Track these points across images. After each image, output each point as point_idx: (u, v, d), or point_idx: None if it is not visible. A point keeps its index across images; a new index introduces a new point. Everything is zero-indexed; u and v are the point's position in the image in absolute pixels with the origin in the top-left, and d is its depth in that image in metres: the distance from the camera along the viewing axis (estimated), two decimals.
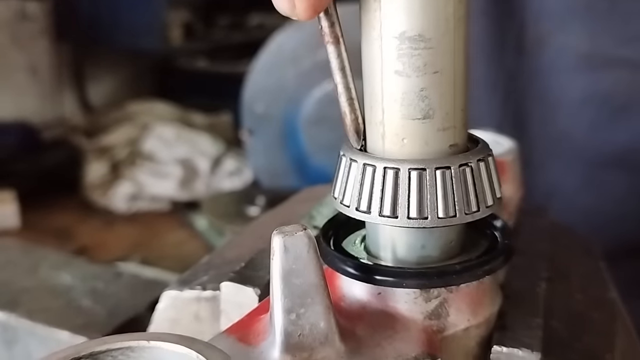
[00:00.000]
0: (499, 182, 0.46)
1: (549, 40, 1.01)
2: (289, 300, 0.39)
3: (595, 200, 1.04)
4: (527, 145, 1.06)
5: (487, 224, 0.49)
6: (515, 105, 1.07)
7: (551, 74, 1.02)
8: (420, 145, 0.43)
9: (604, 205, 1.02)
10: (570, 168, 1.04)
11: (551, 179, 1.07)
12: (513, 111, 1.08)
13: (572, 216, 1.04)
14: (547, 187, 1.07)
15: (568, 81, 1.01)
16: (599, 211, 1.04)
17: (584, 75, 1.00)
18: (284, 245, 0.39)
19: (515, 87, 1.07)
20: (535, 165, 1.07)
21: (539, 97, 1.04)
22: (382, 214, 0.42)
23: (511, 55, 1.06)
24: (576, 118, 1.02)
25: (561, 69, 1.01)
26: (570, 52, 1.00)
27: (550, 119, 1.04)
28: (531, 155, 1.07)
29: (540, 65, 1.03)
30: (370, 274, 0.44)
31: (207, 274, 0.57)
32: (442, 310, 0.45)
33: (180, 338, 0.36)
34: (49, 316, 0.75)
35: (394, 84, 0.42)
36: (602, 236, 1.02)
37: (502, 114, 1.09)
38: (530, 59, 1.04)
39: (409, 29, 0.41)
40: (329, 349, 0.40)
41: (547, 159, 1.07)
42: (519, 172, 0.70)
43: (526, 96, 1.07)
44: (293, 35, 2.05)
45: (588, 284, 0.64)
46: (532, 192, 1.09)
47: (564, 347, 0.50)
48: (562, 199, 1.06)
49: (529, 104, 1.06)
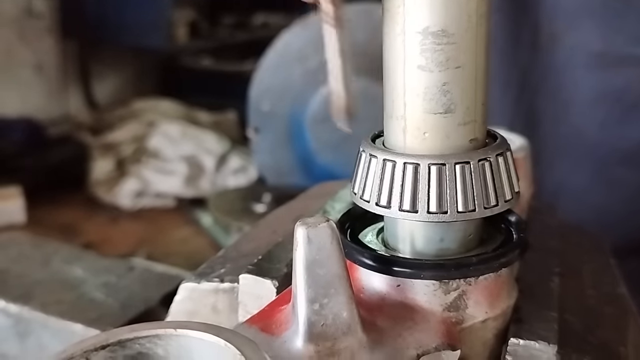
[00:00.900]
0: (517, 177, 0.46)
1: (562, 37, 1.02)
2: (312, 291, 0.40)
3: (605, 198, 1.04)
4: (538, 143, 1.07)
5: (502, 218, 0.50)
6: (527, 102, 1.08)
7: (564, 71, 1.02)
8: (441, 139, 0.43)
9: (614, 203, 1.03)
10: (581, 165, 1.05)
11: (561, 176, 1.08)
12: (525, 108, 1.09)
13: (582, 213, 1.04)
14: (557, 185, 1.08)
15: (581, 79, 1.01)
16: (609, 209, 1.04)
17: (596, 74, 1.00)
18: (307, 237, 0.40)
19: (529, 84, 1.08)
20: (546, 163, 1.07)
21: (552, 95, 1.05)
22: (402, 209, 0.43)
23: (525, 52, 1.06)
24: (588, 116, 1.02)
25: (574, 67, 1.01)
26: (584, 50, 1.00)
27: (562, 116, 1.05)
28: (542, 153, 1.07)
29: (553, 63, 1.04)
30: (389, 266, 0.45)
31: (224, 266, 0.58)
32: (460, 302, 0.45)
33: (208, 326, 0.37)
34: (62, 309, 0.75)
35: (416, 78, 0.43)
36: (611, 233, 1.02)
37: (514, 111, 1.09)
38: (543, 56, 1.05)
39: (432, 24, 0.42)
40: (351, 338, 0.40)
41: (557, 156, 1.07)
42: (530, 169, 0.71)
43: (539, 93, 1.07)
44: (300, 34, 2.06)
45: (599, 279, 0.65)
46: (541, 189, 1.10)
47: (579, 340, 0.50)
48: (571, 196, 1.07)
49: (541, 102, 1.07)
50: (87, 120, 3.17)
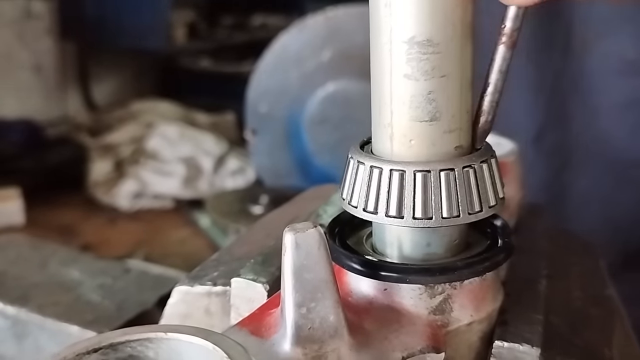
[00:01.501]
0: (502, 183, 0.47)
1: (595, 44, 1.03)
2: (300, 295, 0.41)
3: (633, 202, 1.06)
4: (569, 146, 1.08)
5: (488, 222, 0.51)
6: (558, 106, 1.09)
7: (596, 77, 1.04)
8: (427, 147, 0.44)
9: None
10: (609, 170, 1.06)
11: (591, 179, 1.09)
12: (556, 113, 1.10)
13: (610, 217, 1.06)
14: (585, 187, 1.09)
15: (612, 85, 1.03)
16: (636, 211, 1.06)
17: (628, 80, 1.02)
18: (295, 242, 0.41)
19: (560, 88, 1.09)
20: (576, 165, 1.09)
21: (582, 100, 1.06)
22: (389, 215, 0.44)
23: (558, 56, 1.07)
24: (618, 121, 1.04)
25: (606, 73, 1.03)
26: (616, 57, 1.02)
27: (592, 121, 1.06)
28: (572, 157, 1.09)
29: (585, 68, 1.05)
30: (376, 270, 0.46)
31: (217, 270, 0.59)
32: (446, 305, 0.46)
33: (197, 330, 0.38)
34: (58, 311, 0.76)
35: (402, 87, 0.44)
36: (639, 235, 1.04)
37: (545, 115, 1.10)
38: (575, 61, 1.06)
39: (418, 34, 0.42)
40: (338, 341, 0.41)
41: (586, 160, 1.09)
42: (519, 173, 0.72)
43: (570, 98, 1.08)
44: (297, 36, 2.07)
45: (587, 281, 0.66)
46: (571, 190, 1.11)
47: (564, 342, 0.51)
48: (600, 200, 1.08)
49: (571, 106, 1.08)
50: (86, 122, 3.18)
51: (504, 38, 0.44)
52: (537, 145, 1.10)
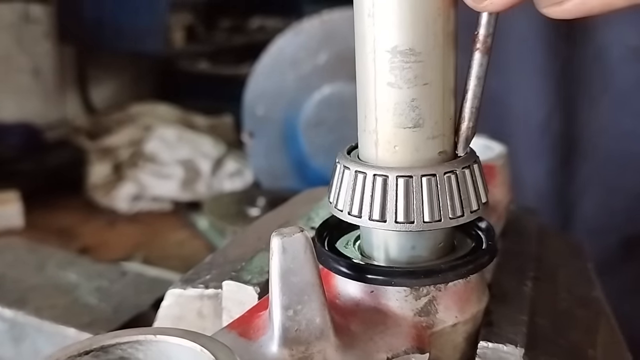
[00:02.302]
0: (485, 188, 0.48)
1: (596, 32, 1.04)
2: (286, 298, 0.42)
3: (634, 186, 1.07)
4: (574, 134, 1.09)
5: (473, 225, 0.52)
6: (565, 93, 1.10)
7: (598, 65, 1.05)
8: (411, 152, 0.45)
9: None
10: (610, 155, 1.07)
11: (594, 165, 1.10)
12: (563, 99, 1.11)
13: (611, 200, 1.07)
14: (588, 172, 1.10)
15: (614, 72, 1.03)
16: (638, 197, 1.07)
17: (630, 67, 1.03)
18: (282, 246, 0.42)
19: (567, 75, 1.10)
20: (579, 152, 1.10)
21: (586, 86, 1.07)
22: (372, 218, 0.45)
23: (564, 44, 1.08)
24: (619, 108, 1.05)
25: (608, 61, 1.03)
26: (619, 44, 1.03)
27: (594, 107, 1.07)
28: (577, 143, 1.10)
29: (587, 57, 1.06)
30: (363, 273, 0.47)
31: (209, 272, 0.60)
32: (431, 307, 0.47)
33: (185, 332, 0.39)
34: (56, 313, 0.77)
35: (386, 94, 0.45)
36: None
37: (554, 102, 1.11)
38: (578, 49, 1.07)
39: (401, 43, 0.44)
40: (324, 343, 0.42)
41: (590, 146, 1.10)
42: (508, 176, 0.73)
43: (576, 85, 1.09)
44: (293, 39, 2.08)
45: (574, 283, 0.67)
46: (576, 176, 1.12)
47: (548, 342, 0.52)
48: (601, 184, 1.09)
49: (577, 93, 1.09)
50: (85, 125, 3.19)
51: (478, 44, 0.45)
52: (545, 132, 1.11)
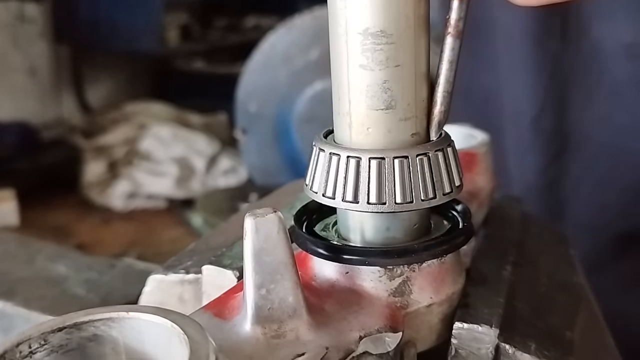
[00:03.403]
0: (460, 171, 0.48)
1: (590, 29, 1.04)
2: (259, 277, 0.42)
3: (629, 179, 1.07)
4: (566, 130, 1.10)
5: (451, 208, 0.52)
6: (557, 89, 1.10)
7: (592, 61, 1.05)
8: (383, 134, 0.46)
9: (635, 185, 1.06)
10: (603, 150, 1.08)
11: (587, 161, 1.11)
12: (555, 95, 1.11)
13: (605, 196, 1.08)
14: (581, 168, 1.11)
15: (608, 69, 1.04)
16: (630, 191, 1.07)
17: (624, 63, 1.03)
18: (255, 226, 0.42)
19: (559, 72, 1.10)
20: (572, 148, 1.10)
21: (579, 83, 1.08)
22: (345, 200, 0.46)
23: (555, 42, 1.09)
24: (612, 103, 1.05)
25: (601, 58, 1.04)
26: (612, 41, 1.03)
27: (587, 103, 1.08)
28: (569, 139, 1.10)
29: (581, 53, 1.07)
30: (337, 254, 0.47)
31: (191, 259, 0.60)
32: (405, 288, 0.48)
33: (157, 310, 0.39)
34: (44, 304, 0.77)
35: (359, 77, 0.45)
36: (635, 215, 1.05)
37: (545, 98, 1.12)
38: (572, 46, 1.07)
39: (372, 25, 0.44)
40: (297, 321, 0.43)
41: (583, 142, 1.10)
42: (491, 163, 0.73)
43: (568, 81, 1.10)
44: (285, 35, 2.09)
45: (555, 269, 0.67)
46: (568, 172, 1.13)
47: (525, 324, 0.52)
48: (594, 179, 1.10)
49: (569, 89, 1.10)
50: (80, 124, 3.20)
51: (450, 29, 0.45)
52: (536, 128, 1.12)
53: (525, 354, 0.48)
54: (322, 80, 2.02)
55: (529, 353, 0.48)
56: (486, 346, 0.48)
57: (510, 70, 1.15)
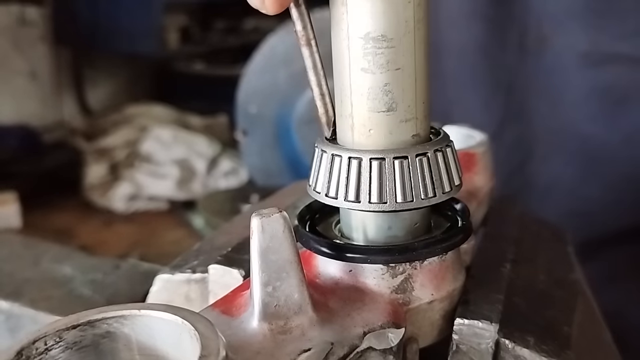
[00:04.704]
0: (459, 171, 0.50)
1: (550, 41, 1.06)
2: (266, 275, 0.44)
3: (595, 189, 1.08)
4: (530, 140, 1.11)
5: (450, 207, 0.54)
6: (517, 102, 1.12)
7: (554, 71, 1.07)
8: (385, 135, 0.47)
9: (603, 194, 1.07)
10: (572, 159, 1.09)
11: (553, 171, 1.12)
12: (515, 108, 1.13)
13: (574, 205, 1.09)
14: (549, 178, 1.12)
15: (570, 78, 1.05)
16: (599, 200, 1.09)
17: (585, 72, 1.05)
18: (261, 226, 0.44)
19: (518, 85, 1.12)
20: (538, 158, 1.12)
21: (542, 94, 1.09)
22: (348, 199, 0.47)
23: (513, 55, 1.10)
24: (578, 112, 1.07)
25: (563, 67, 1.05)
26: (571, 51, 1.05)
27: (553, 114, 1.09)
28: (535, 149, 1.12)
29: (542, 65, 1.08)
30: (341, 252, 0.49)
31: (197, 259, 0.61)
32: (407, 285, 0.49)
33: (168, 307, 0.40)
34: (50, 305, 0.78)
35: (360, 79, 0.47)
36: (601, 223, 1.06)
37: (505, 111, 1.13)
38: (532, 58, 1.09)
39: (373, 30, 0.45)
40: (302, 317, 0.44)
41: (549, 152, 1.12)
42: (489, 163, 0.74)
43: (528, 93, 1.11)
44: (285, 37, 2.10)
45: (553, 266, 0.68)
46: (535, 182, 1.14)
47: (524, 320, 0.54)
48: (564, 189, 1.11)
49: (531, 101, 1.11)
50: (81, 126, 3.21)
51: (300, 40, 0.48)
52: (496, 141, 1.13)
53: (524, 348, 0.49)
54: None
55: (527, 348, 0.49)
56: (486, 341, 0.49)
57: (467, 85, 1.16)
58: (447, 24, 1.12)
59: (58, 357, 0.39)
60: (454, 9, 1.13)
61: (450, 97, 1.16)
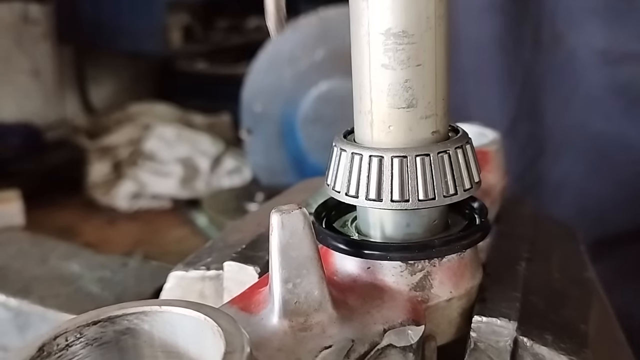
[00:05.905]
0: (478, 168, 0.50)
1: (565, 37, 1.06)
2: (286, 271, 0.43)
3: (607, 187, 1.08)
4: (542, 137, 1.11)
5: (467, 205, 0.54)
6: (530, 98, 1.12)
7: (568, 68, 1.06)
8: (404, 132, 0.47)
9: (615, 192, 1.07)
10: (584, 157, 1.09)
11: (565, 168, 1.12)
12: (528, 104, 1.12)
13: (584, 202, 1.09)
14: (561, 176, 1.12)
15: (585, 75, 1.05)
16: (610, 198, 1.09)
17: (600, 70, 1.04)
18: (281, 222, 0.43)
19: (531, 81, 1.11)
20: (549, 155, 1.12)
21: (555, 91, 1.09)
22: (369, 198, 0.47)
23: (528, 50, 1.10)
24: (592, 110, 1.06)
25: (578, 64, 1.05)
26: (587, 48, 1.05)
27: (565, 111, 1.09)
28: (546, 146, 1.12)
29: (556, 60, 1.08)
30: (359, 249, 0.48)
31: (210, 256, 0.61)
32: (426, 282, 0.49)
33: (189, 303, 0.40)
34: (59, 302, 0.78)
35: (380, 76, 0.46)
36: (612, 221, 1.06)
37: (518, 107, 1.13)
38: (546, 54, 1.09)
39: (394, 26, 0.45)
40: (322, 314, 0.44)
41: (561, 149, 1.11)
42: (502, 161, 0.74)
43: (542, 90, 1.11)
44: (290, 36, 2.10)
45: (567, 264, 0.68)
46: (546, 180, 1.14)
47: (541, 317, 0.54)
48: (575, 187, 1.11)
49: (544, 98, 1.11)
50: (84, 124, 3.21)
51: None
52: (510, 137, 1.13)
53: (542, 346, 0.49)
54: (327, 81, 2.04)
55: (546, 345, 0.49)
56: (505, 339, 0.49)
57: (483, 80, 1.16)
58: (465, 16, 1.12)
59: (79, 353, 0.39)
60: (472, 2, 1.12)
61: (466, 91, 1.16)
